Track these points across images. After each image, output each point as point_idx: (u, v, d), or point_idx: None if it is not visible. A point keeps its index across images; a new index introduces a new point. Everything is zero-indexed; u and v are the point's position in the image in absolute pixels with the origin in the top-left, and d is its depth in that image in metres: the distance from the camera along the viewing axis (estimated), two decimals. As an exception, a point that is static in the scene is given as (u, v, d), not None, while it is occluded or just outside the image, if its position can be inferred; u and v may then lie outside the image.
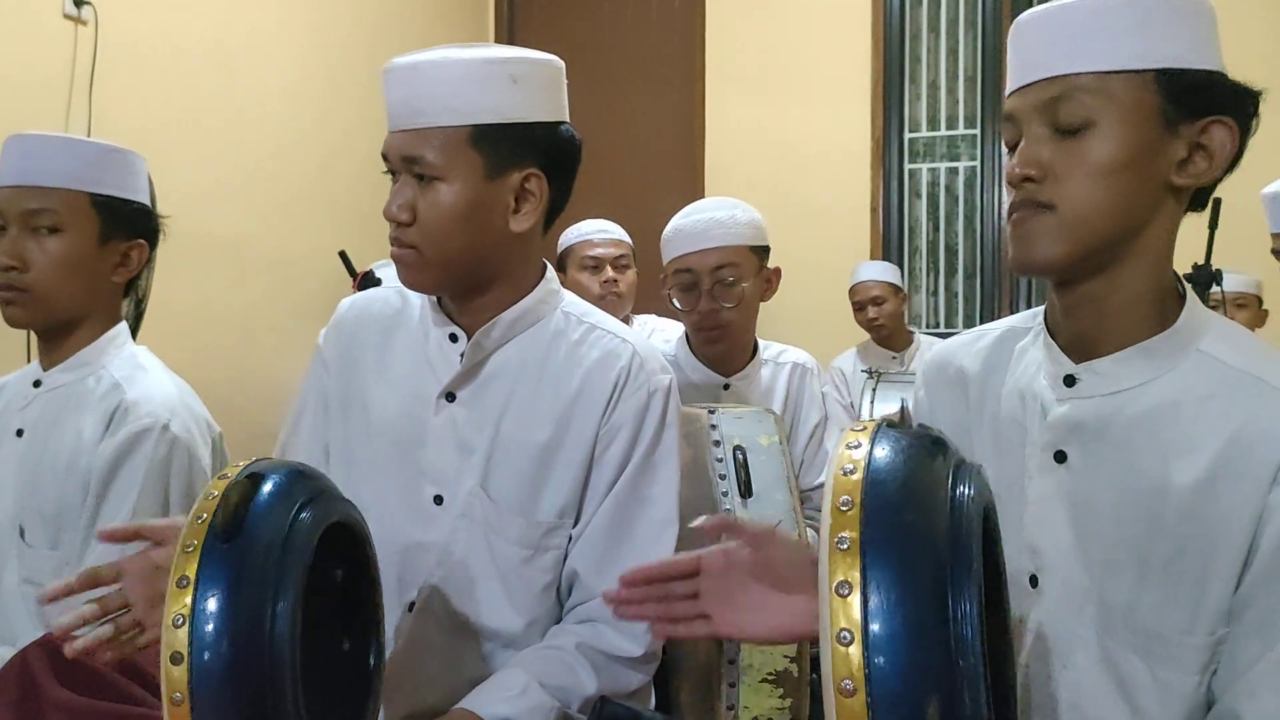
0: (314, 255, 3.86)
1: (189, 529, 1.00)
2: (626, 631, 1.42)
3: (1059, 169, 1.09)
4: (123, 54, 3.14)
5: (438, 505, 1.45)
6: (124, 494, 1.66)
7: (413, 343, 1.51)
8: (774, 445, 1.65)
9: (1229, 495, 1.06)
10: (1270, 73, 3.53)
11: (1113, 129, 1.08)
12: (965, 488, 0.88)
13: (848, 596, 0.79)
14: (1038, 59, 1.11)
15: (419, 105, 1.36)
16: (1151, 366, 1.12)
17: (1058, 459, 1.15)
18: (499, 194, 1.40)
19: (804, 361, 2.50)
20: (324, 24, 4.05)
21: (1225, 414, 1.08)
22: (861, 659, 0.78)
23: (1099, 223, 1.09)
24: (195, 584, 0.96)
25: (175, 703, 0.93)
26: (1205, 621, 1.08)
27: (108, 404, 1.72)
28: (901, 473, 0.86)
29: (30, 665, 1.36)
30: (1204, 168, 1.10)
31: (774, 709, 1.51)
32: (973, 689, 0.78)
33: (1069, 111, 1.09)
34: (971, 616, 0.80)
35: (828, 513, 0.84)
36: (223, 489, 1.03)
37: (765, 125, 4.85)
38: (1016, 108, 1.13)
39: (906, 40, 4.83)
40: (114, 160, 1.78)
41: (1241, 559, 1.06)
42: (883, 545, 0.81)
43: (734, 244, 2.26)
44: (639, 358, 1.47)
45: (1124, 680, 1.11)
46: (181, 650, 0.94)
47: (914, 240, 4.83)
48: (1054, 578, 1.15)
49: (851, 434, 0.91)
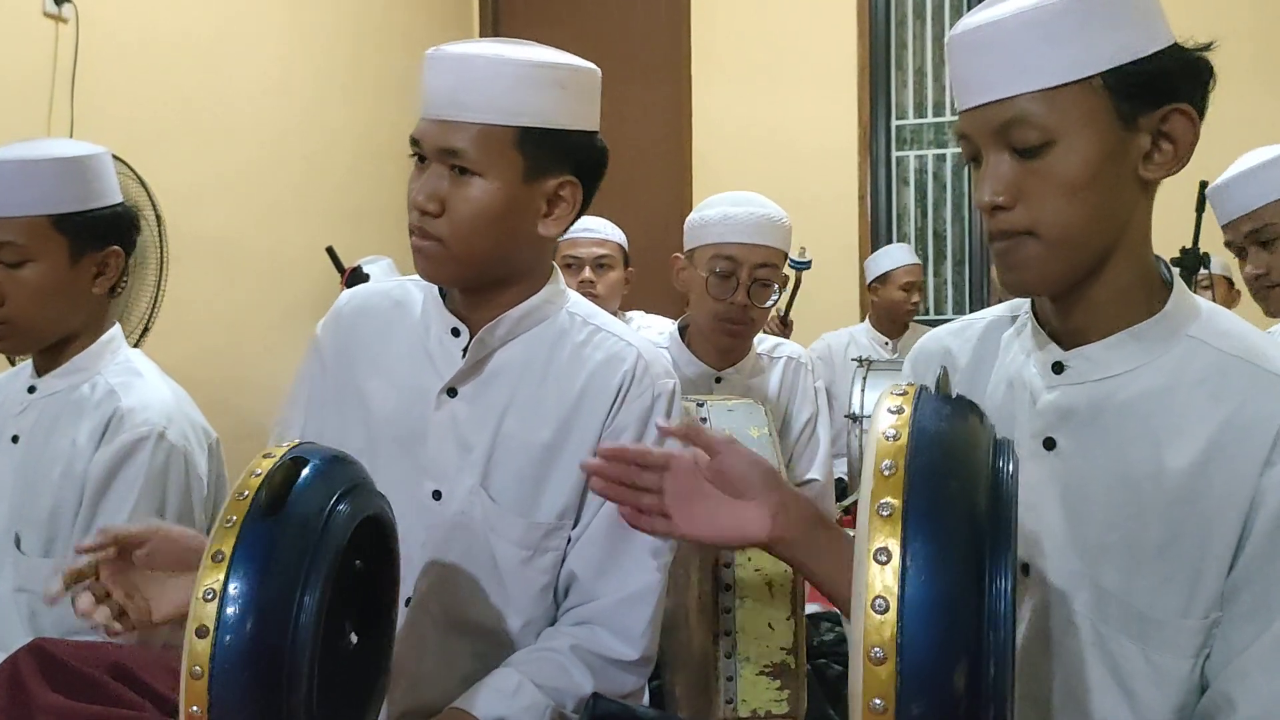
0: (303, 252, 3.85)
1: (230, 504, 1.00)
2: (623, 634, 1.42)
3: (1028, 192, 1.08)
4: (104, 52, 3.12)
5: (436, 501, 1.45)
6: (120, 503, 1.65)
7: (413, 337, 1.50)
8: (764, 436, 1.64)
9: (1222, 479, 1.06)
10: (1255, 51, 3.51)
11: (1073, 143, 1.06)
12: (1005, 461, 0.87)
13: (886, 564, 0.78)
14: (980, 78, 1.09)
15: (466, 98, 1.35)
16: (1141, 352, 1.12)
17: (1047, 446, 1.15)
18: (533, 197, 1.39)
19: (798, 355, 2.50)
20: (306, 18, 4.03)
21: (1217, 398, 1.08)
22: (895, 628, 0.77)
23: (1083, 238, 1.09)
24: (230, 559, 0.96)
25: (195, 676, 0.93)
26: (1199, 605, 1.07)
27: (103, 411, 1.70)
28: (946, 440, 0.85)
29: (20, 670, 1.36)
30: (1170, 156, 1.09)
31: (772, 701, 1.51)
32: (1000, 662, 0.78)
33: (1024, 135, 1.06)
34: (1006, 591, 0.79)
35: (869, 476, 0.82)
36: (268, 468, 1.04)
37: (752, 116, 4.85)
38: (970, 130, 1.11)
39: (892, 27, 4.82)
40: (70, 172, 1.70)
41: (1235, 542, 1.06)
42: (925, 514, 0.80)
43: (779, 246, 2.26)
44: (644, 361, 1.46)
45: (1118, 666, 1.11)
46: (208, 624, 0.94)
47: (902, 228, 4.84)
48: (1046, 565, 1.15)
49: (892, 397, 0.89)
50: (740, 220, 2.24)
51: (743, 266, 2.22)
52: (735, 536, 1.24)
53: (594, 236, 3.17)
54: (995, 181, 1.09)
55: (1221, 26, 1.21)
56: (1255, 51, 4.10)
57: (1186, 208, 2.57)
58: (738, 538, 1.24)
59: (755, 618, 1.51)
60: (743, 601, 1.51)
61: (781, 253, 2.27)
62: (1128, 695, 1.10)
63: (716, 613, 1.52)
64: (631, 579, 1.43)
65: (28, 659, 1.37)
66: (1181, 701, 1.09)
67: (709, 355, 2.37)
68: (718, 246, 2.24)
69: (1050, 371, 1.15)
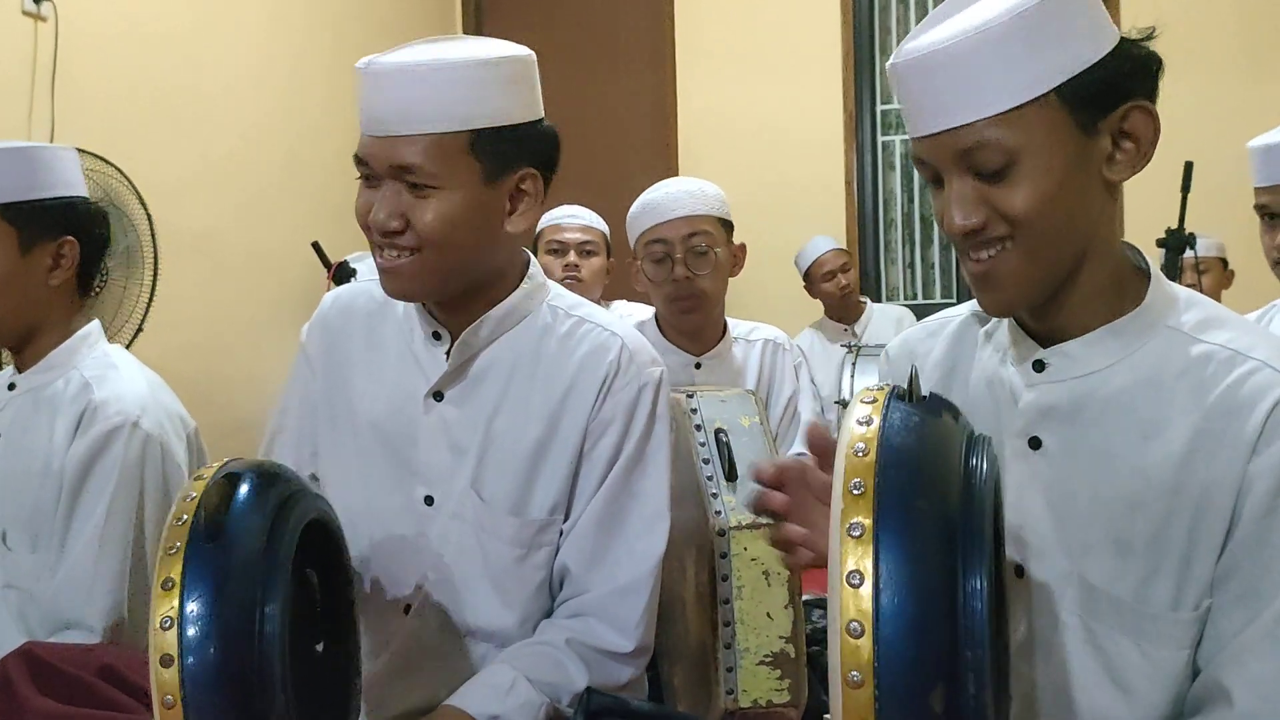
0: (286, 247, 3.82)
1: (170, 531, 0.99)
2: (617, 626, 1.41)
3: (999, 207, 1.06)
4: (84, 50, 3.09)
5: (429, 506, 1.43)
6: (98, 494, 1.65)
7: (399, 339, 1.48)
8: (754, 426, 1.64)
9: (1208, 468, 1.06)
10: (1240, 37, 3.53)
11: (1036, 160, 1.05)
12: (980, 460, 0.87)
13: (859, 587, 0.78)
14: (934, 105, 1.07)
15: (410, 111, 1.30)
16: (1120, 346, 1.11)
17: (1032, 445, 1.15)
18: (496, 198, 1.37)
19: (775, 337, 2.52)
20: (286, 11, 4.01)
21: (1199, 388, 1.07)
22: (871, 652, 0.77)
23: (1056, 246, 1.08)
24: (181, 586, 0.96)
25: (167, 705, 0.93)
26: (1190, 596, 1.07)
27: (78, 405, 1.70)
28: (916, 454, 0.85)
29: (10, 674, 1.36)
30: (1133, 154, 1.09)
31: (773, 691, 1.51)
32: (979, 679, 0.78)
33: (986, 159, 1.05)
34: (981, 608, 0.79)
35: (839, 496, 0.82)
36: (201, 489, 1.03)
37: (737, 103, 4.84)
38: (929, 156, 1.09)
39: (876, 12, 4.82)
40: (14, 162, 1.70)
41: (1224, 530, 1.06)
42: (896, 534, 0.79)
43: (705, 213, 2.29)
44: (628, 350, 1.44)
45: (1111, 662, 1.10)
46: (171, 653, 0.94)
47: (889, 213, 4.84)
48: (1037, 565, 1.14)
49: (861, 405, 0.89)
50: (660, 202, 2.30)
51: (674, 244, 2.27)
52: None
53: (579, 223, 3.22)
54: (963, 206, 1.07)
55: (1208, 13, 1.20)
56: (1241, 37, 4.11)
57: (1172, 188, 2.58)
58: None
59: (754, 608, 1.50)
60: (740, 592, 1.51)
61: (712, 218, 2.30)
62: (1124, 692, 1.10)
63: (715, 604, 1.52)
64: (622, 570, 1.42)
65: (17, 663, 1.37)
66: (1177, 693, 1.09)
67: (683, 342, 2.40)
68: (648, 233, 2.31)
69: (1030, 370, 1.15)
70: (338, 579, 1.20)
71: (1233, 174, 2.48)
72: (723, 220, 2.32)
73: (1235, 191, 2.50)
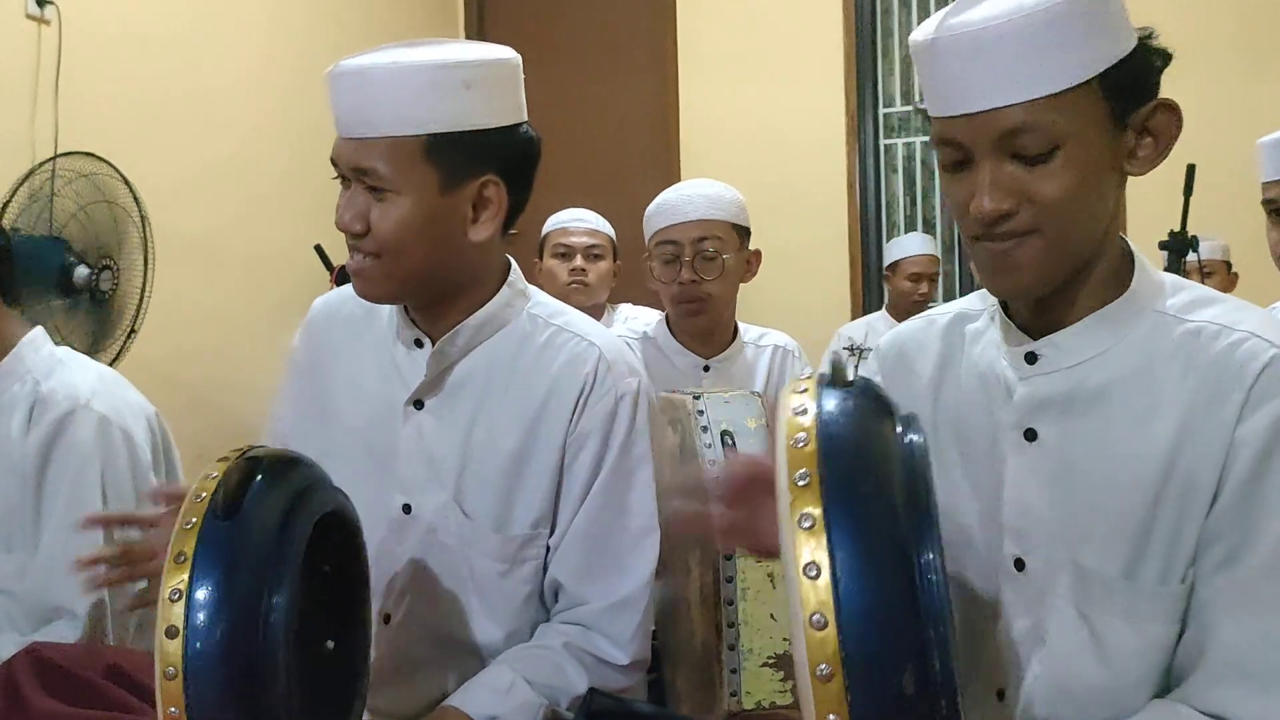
0: (289, 250, 3.82)
1: (188, 506, 1.01)
2: (613, 640, 1.40)
3: (1031, 195, 1.06)
4: (87, 53, 3.10)
5: (407, 514, 1.43)
6: (59, 480, 1.68)
7: (382, 346, 1.47)
8: (761, 428, 1.64)
9: (1199, 442, 1.06)
10: (1239, 37, 3.54)
11: (1075, 147, 1.04)
12: (913, 436, 0.88)
13: (817, 579, 0.78)
14: (975, 85, 1.05)
15: (368, 114, 1.30)
16: (1110, 334, 1.12)
17: (1028, 437, 1.15)
18: (456, 205, 1.35)
19: (785, 344, 2.52)
20: (287, 12, 4.01)
21: (1189, 366, 1.08)
22: (836, 643, 0.77)
23: (1080, 237, 1.09)
24: (193, 561, 0.96)
25: (169, 677, 0.94)
26: (1178, 567, 1.07)
27: (28, 400, 1.73)
28: (855, 437, 0.86)
29: (16, 676, 1.36)
30: (1152, 151, 1.09)
31: (776, 692, 1.50)
32: (944, 654, 0.78)
33: (1029, 142, 1.04)
34: (938, 584, 0.79)
35: (785, 489, 0.82)
36: (223, 469, 1.04)
37: (739, 105, 4.83)
38: (960, 137, 1.07)
39: (878, 15, 4.81)
40: None
41: (1210, 498, 1.06)
42: (847, 521, 0.80)
43: (717, 217, 2.29)
44: (605, 361, 1.42)
45: (1103, 644, 1.10)
46: (177, 625, 0.94)
47: (891, 216, 4.83)
48: (1038, 557, 1.14)
49: (794, 395, 0.89)
50: (673, 203, 2.32)
51: (683, 246, 2.28)
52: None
53: (585, 226, 3.21)
54: (997, 190, 1.06)
55: (1208, 13, 1.21)
56: (1239, 37, 4.11)
57: (1174, 190, 2.58)
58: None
59: (758, 609, 1.50)
60: (745, 593, 1.50)
61: (725, 224, 2.30)
62: (1117, 672, 1.10)
63: (718, 605, 1.52)
64: (616, 585, 1.41)
65: (24, 664, 1.37)
66: (1167, 667, 1.10)
67: (692, 344, 2.40)
68: (660, 234, 2.33)
69: (1023, 363, 1.15)
70: (354, 576, 1.20)
71: (1233, 175, 2.48)
72: (736, 226, 2.32)
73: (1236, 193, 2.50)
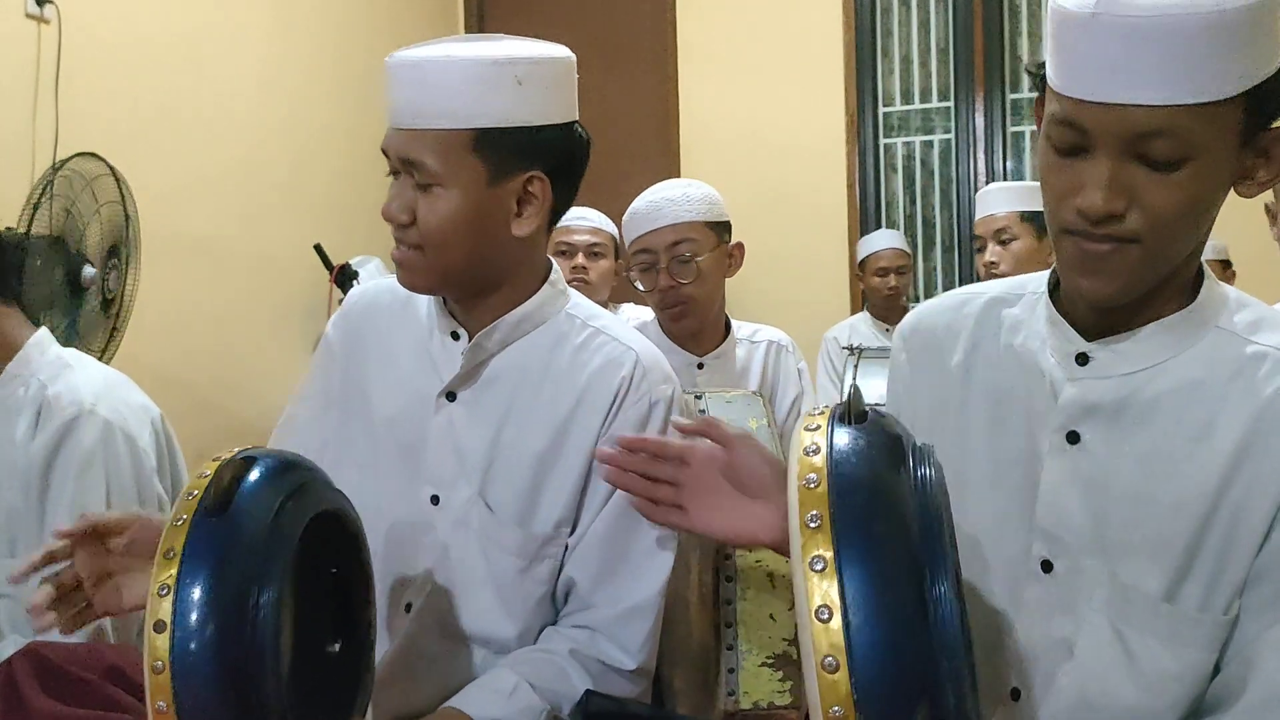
0: (290, 252, 3.82)
1: (179, 504, 1.01)
2: (622, 645, 1.40)
3: (1145, 201, 1.00)
4: (88, 53, 3.09)
5: (434, 505, 1.43)
6: (63, 484, 1.68)
7: (418, 337, 1.49)
8: (763, 428, 1.64)
9: (1253, 472, 1.03)
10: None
11: (1205, 162, 0.98)
12: (928, 470, 0.88)
13: (829, 621, 0.79)
14: (1124, 75, 0.96)
15: (419, 105, 1.32)
16: (1170, 344, 1.08)
17: (1070, 439, 1.11)
18: (501, 199, 1.36)
19: (779, 339, 2.52)
20: (291, 15, 4.00)
21: (1249, 391, 1.05)
22: (849, 685, 0.77)
23: (1177, 253, 1.05)
24: (181, 556, 0.97)
25: (156, 671, 0.94)
26: (1220, 598, 1.05)
27: (35, 404, 1.74)
28: (867, 477, 0.86)
29: (15, 675, 1.35)
30: (1265, 178, 1.03)
31: (774, 693, 1.51)
32: (959, 687, 0.79)
33: (1164, 148, 0.97)
34: (951, 616, 0.80)
35: (796, 530, 0.83)
36: (215, 468, 1.05)
37: (738, 107, 4.83)
38: (1091, 125, 0.99)
39: (878, 14, 4.81)
40: None
41: (1262, 534, 1.03)
42: (859, 563, 0.80)
43: (687, 220, 2.27)
44: (642, 367, 1.43)
45: (1138, 663, 1.08)
46: (165, 619, 0.95)
47: (891, 215, 4.83)
48: (1068, 562, 1.11)
49: (806, 434, 0.90)
50: (644, 211, 2.30)
51: (658, 253, 2.27)
52: (746, 536, 1.23)
53: (588, 225, 3.20)
54: (1113, 188, 0.99)
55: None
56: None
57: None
58: (748, 537, 1.23)
59: (757, 609, 1.50)
60: (744, 593, 1.51)
61: (697, 224, 2.28)
62: (1144, 692, 1.08)
63: (718, 604, 1.52)
64: (629, 591, 1.41)
65: (23, 664, 1.37)
66: (1199, 694, 1.07)
67: (685, 342, 2.40)
68: (635, 242, 2.32)
69: (1073, 363, 1.11)
70: (357, 575, 1.20)
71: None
72: (711, 223, 2.30)
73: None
